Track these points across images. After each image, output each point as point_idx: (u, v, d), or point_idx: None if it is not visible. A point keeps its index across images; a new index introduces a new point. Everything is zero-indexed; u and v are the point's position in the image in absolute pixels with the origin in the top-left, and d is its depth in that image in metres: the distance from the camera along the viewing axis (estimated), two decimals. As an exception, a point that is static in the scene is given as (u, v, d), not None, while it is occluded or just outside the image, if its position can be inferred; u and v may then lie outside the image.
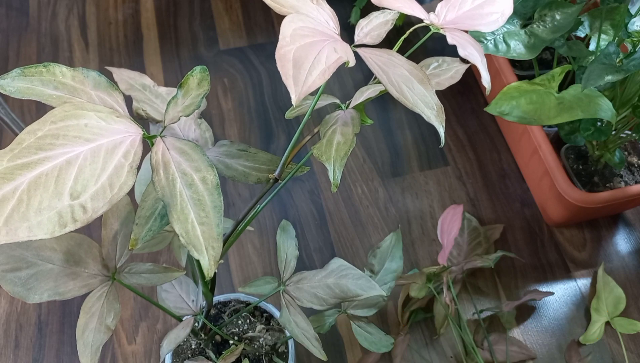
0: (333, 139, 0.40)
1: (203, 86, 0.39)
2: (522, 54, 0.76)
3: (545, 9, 0.78)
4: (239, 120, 1.09)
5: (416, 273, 0.83)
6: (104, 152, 0.31)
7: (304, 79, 0.30)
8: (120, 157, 0.31)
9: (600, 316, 0.89)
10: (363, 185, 1.03)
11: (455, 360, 0.86)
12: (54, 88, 0.35)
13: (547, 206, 0.98)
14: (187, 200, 0.31)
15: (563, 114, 0.69)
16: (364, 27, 0.39)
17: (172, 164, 0.32)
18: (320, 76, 0.30)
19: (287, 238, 0.61)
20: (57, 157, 0.30)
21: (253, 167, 0.49)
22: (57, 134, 0.31)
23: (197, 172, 0.32)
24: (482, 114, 1.12)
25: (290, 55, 0.30)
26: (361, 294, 0.53)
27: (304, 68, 0.30)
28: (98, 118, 0.32)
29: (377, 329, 0.76)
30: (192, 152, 0.33)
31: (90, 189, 0.30)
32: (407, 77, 0.34)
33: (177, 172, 0.32)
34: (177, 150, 0.33)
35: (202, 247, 0.30)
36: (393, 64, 0.34)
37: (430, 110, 0.34)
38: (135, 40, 1.21)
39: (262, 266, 0.94)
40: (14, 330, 0.87)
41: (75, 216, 0.29)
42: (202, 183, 0.32)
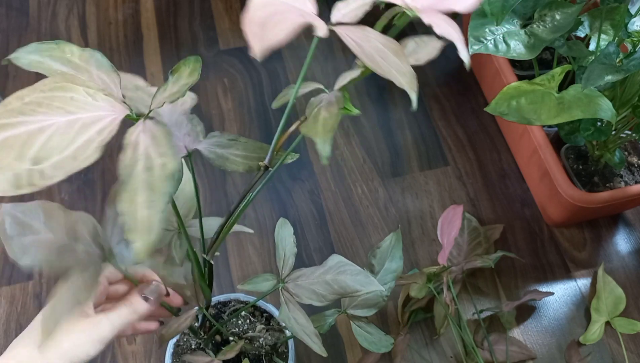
0: (319, 115, 0.40)
1: (193, 76, 0.40)
2: (522, 54, 0.76)
3: (545, 9, 0.78)
4: (239, 120, 1.09)
5: (416, 273, 0.83)
6: (79, 125, 0.32)
7: (267, 33, 0.30)
8: (94, 132, 0.32)
9: (600, 316, 0.89)
10: (363, 185, 1.03)
11: (455, 360, 0.86)
12: (61, 64, 0.37)
13: (547, 206, 0.98)
14: (140, 182, 0.32)
15: (563, 114, 0.69)
16: (341, 9, 0.39)
17: (141, 145, 0.33)
18: (283, 31, 0.30)
19: (285, 236, 0.61)
20: (33, 123, 0.31)
21: (244, 156, 0.50)
22: (42, 102, 0.32)
23: (160, 158, 0.32)
24: (482, 114, 1.12)
25: (257, 17, 0.31)
26: (360, 289, 0.53)
27: (268, 27, 0.30)
28: (86, 93, 0.33)
29: (377, 329, 0.76)
30: (163, 137, 0.33)
31: (54, 158, 0.31)
32: (381, 49, 0.35)
33: (142, 154, 0.32)
34: (150, 134, 0.33)
35: (140, 229, 0.30)
36: (367, 39, 0.35)
37: (403, 76, 0.34)
38: (135, 40, 1.21)
39: (262, 266, 0.94)
40: (14, 330, 0.87)
41: (32, 180, 0.30)
42: (161, 169, 0.32)
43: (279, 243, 0.61)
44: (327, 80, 1.14)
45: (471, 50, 0.76)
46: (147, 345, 0.86)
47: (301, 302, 0.55)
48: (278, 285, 0.57)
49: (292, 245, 0.61)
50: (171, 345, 0.69)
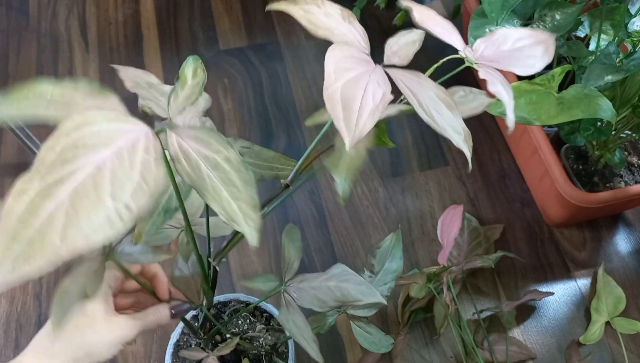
0: (345, 152, 0.39)
1: (198, 75, 0.39)
2: (522, 54, 0.76)
3: (545, 9, 0.78)
4: (239, 120, 1.09)
5: (416, 273, 0.83)
6: (126, 152, 0.31)
7: (355, 122, 0.30)
8: (142, 153, 0.31)
9: (600, 316, 0.89)
10: (363, 185, 1.03)
11: (455, 360, 0.86)
12: (45, 108, 0.34)
13: (547, 206, 0.98)
14: (216, 181, 0.32)
15: (563, 114, 0.69)
16: (392, 46, 0.38)
17: (191, 151, 0.32)
18: (370, 117, 0.30)
19: (293, 240, 0.62)
20: (85, 166, 0.30)
21: (256, 164, 0.49)
22: (76, 144, 0.31)
23: (219, 154, 0.32)
24: (482, 114, 1.11)
25: (337, 95, 0.30)
26: (361, 299, 0.53)
27: (353, 110, 0.30)
28: (107, 122, 0.32)
29: (377, 329, 0.76)
30: (208, 136, 0.33)
31: (128, 188, 0.30)
32: (436, 101, 0.35)
33: (199, 158, 0.32)
34: (192, 138, 0.33)
35: (241, 220, 0.31)
36: (422, 87, 0.34)
37: (458, 135, 0.34)
38: (135, 40, 1.21)
39: (262, 266, 0.94)
40: (14, 330, 0.87)
41: (122, 216, 0.29)
42: (227, 163, 0.32)
43: (286, 246, 0.61)
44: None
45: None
46: (147, 345, 0.86)
47: (302, 305, 0.55)
48: (280, 288, 0.57)
49: (298, 250, 0.61)
50: (171, 345, 0.69)
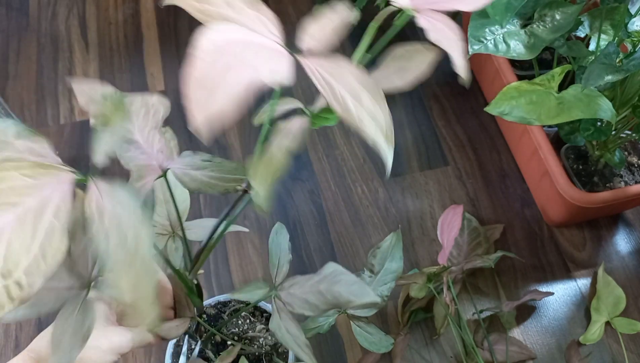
0: (268, 150, 0.35)
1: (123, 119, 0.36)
2: (522, 54, 0.76)
3: (545, 9, 0.78)
4: (239, 122, 1.09)
5: (416, 273, 0.83)
6: (32, 216, 0.28)
7: (205, 102, 0.25)
8: (50, 217, 0.29)
9: (600, 316, 0.88)
10: (363, 185, 1.03)
11: (455, 360, 0.86)
12: None
13: (547, 206, 0.98)
14: (121, 264, 0.29)
15: (563, 114, 0.69)
16: (313, 32, 0.34)
17: (106, 215, 0.29)
18: (226, 99, 0.25)
19: (280, 242, 0.60)
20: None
21: (219, 178, 0.47)
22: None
23: (132, 229, 0.29)
24: (482, 114, 1.12)
25: (196, 73, 0.26)
26: (353, 300, 0.51)
27: (206, 89, 0.26)
28: (22, 176, 0.29)
29: (377, 329, 0.76)
30: (128, 198, 0.30)
31: (23, 264, 0.27)
32: (356, 87, 0.30)
33: (112, 226, 0.29)
34: (108, 197, 0.30)
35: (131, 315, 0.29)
36: (341, 75, 0.30)
37: (379, 127, 0.29)
38: (135, 40, 1.21)
39: (262, 266, 0.94)
40: (14, 330, 0.87)
41: (11, 294, 0.27)
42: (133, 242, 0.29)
43: (273, 249, 0.59)
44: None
45: (471, 50, 0.77)
46: (147, 345, 0.86)
47: (293, 311, 0.53)
48: (270, 294, 0.56)
49: (287, 252, 0.59)
50: (171, 345, 0.69)
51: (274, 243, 0.60)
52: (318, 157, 1.06)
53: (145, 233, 0.29)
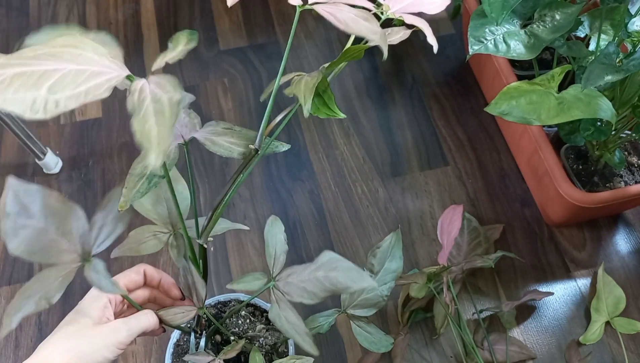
0: (302, 80, 0.45)
1: (190, 43, 0.45)
2: (522, 54, 0.76)
3: (545, 9, 0.78)
4: (239, 120, 1.09)
5: (416, 273, 0.83)
6: (88, 73, 0.35)
7: None
8: (103, 80, 0.35)
9: (600, 316, 0.89)
10: (363, 185, 1.03)
11: (455, 360, 0.86)
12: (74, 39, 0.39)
13: (547, 206, 0.98)
14: (150, 110, 0.34)
15: (563, 114, 0.69)
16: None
17: (147, 89, 0.36)
18: None
19: (275, 233, 0.60)
20: (47, 65, 0.34)
21: (237, 143, 0.54)
22: (54, 54, 0.35)
23: (166, 93, 0.35)
24: (482, 114, 1.12)
25: None
26: (351, 286, 0.51)
27: None
28: (94, 52, 0.37)
29: (377, 329, 0.76)
30: (168, 83, 0.36)
31: (67, 91, 0.34)
32: (353, 17, 0.41)
33: (149, 95, 0.35)
34: (155, 83, 0.36)
35: (154, 141, 0.33)
36: (340, 10, 0.41)
37: (374, 34, 0.40)
38: (136, 40, 1.21)
39: (262, 266, 0.94)
40: (14, 330, 0.87)
41: (47, 107, 0.33)
42: (168, 101, 0.35)
43: (269, 240, 0.60)
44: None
45: (471, 50, 0.77)
46: (147, 345, 0.86)
47: (292, 300, 0.54)
48: (269, 284, 0.56)
49: (282, 242, 0.60)
50: (171, 345, 0.69)
51: (269, 234, 0.60)
52: (318, 157, 1.06)
53: (177, 97, 0.35)
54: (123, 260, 0.93)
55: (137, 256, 0.92)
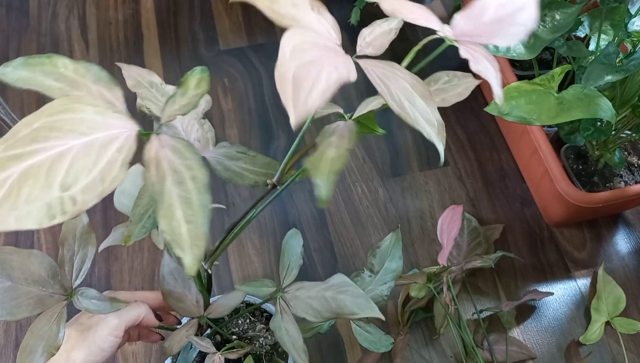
0: (326, 152, 0.37)
1: (202, 86, 0.38)
2: (522, 54, 0.76)
3: (545, 9, 0.78)
4: (239, 121, 1.09)
5: (416, 273, 0.83)
6: (97, 146, 0.31)
7: (303, 100, 0.29)
8: (114, 151, 0.31)
9: (600, 316, 0.89)
10: (363, 185, 1.03)
11: (455, 360, 0.86)
12: (54, 79, 0.35)
13: (547, 206, 0.98)
14: (175, 198, 0.31)
15: (563, 114, 0.69)
16: (366, 37, 0.37)
17: (164, 161, 0.32)
18: (320, 96, 0.29)
19: (293, 245, 0.60)
20: (50, 148, 0.30)
21: (250, 170, 0.49)
22: (52, 126, 0.31)
23: (189, 170, 0.31)
24: (482, 114, 1.12)
25: (289, 74, 0.29)
26: (357, 313, 0.51)
27: (303, 89, 0.29)
28: (94, 112, 0.32)
29: (377, 329, 0.76)
30: (185, 150, 0.32)
31: (82, 182, 0.29)
32: (409, 91, 0.33)
33: (168, 169, 0.31)
34: (170, 148, 0.32)
35: (186, 245, 0.30)
36: (395, 77, 0.33)
37: (431, 126, 0.33)
38: (136, 40, 1.21)
39: (262, 266, 0.94)
40: (14, 330, 0.87)
41: (64, 208, 0.29)
42: (192, 182, 0.31)
43: (286, 251, 0.60)
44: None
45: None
46: (147, 345, 0.86)
47: (296, 314, 0.54)
48: (277, 294, 0.57)
49: (298, 256, 0.60)
50: (171, 345, 0.69)
51: (287, 246, 0.60)
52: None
53: (202, 176, 0.31)
54: (123, 261, 0.93)
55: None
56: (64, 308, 0.45)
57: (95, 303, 0.46)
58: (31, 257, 0.44)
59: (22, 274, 0.43)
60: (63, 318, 0.44)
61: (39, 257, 0.45)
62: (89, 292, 0.46)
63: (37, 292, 0.44)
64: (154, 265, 0.93)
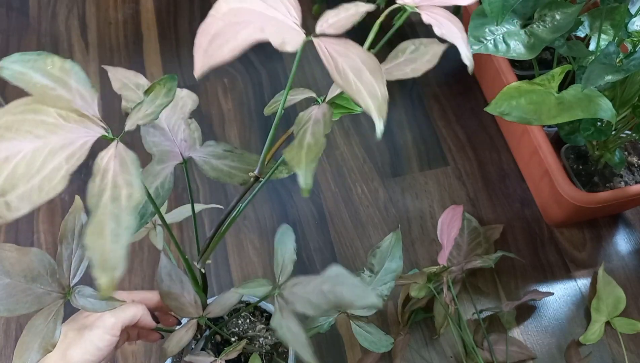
0: (304, 140, 0.37)
1: (169, 96, 0.38)
2: (522, 54, 0.76)
3: (545, 9, 0.78)
4: (239, 121, 1.09)
5: (416, 273, 0.83)
6: (47, 152, 0.30)
7: (212, 52, 0.28)
8: (62, 159, 0.30)
9: (600, 316, 0.89)
10: (363, 185, 1.03)
11: (455, 360, 0.86)
12: (42, 75, 0.35)
13: (547, 206, 0.98)
14: (107, 215, 0.30)
15: (563, 114, 0.69)
16: (329, 19, 0.36)
17: (110, 172, 0.31)
18: (229, 51, 0.29)
19: (286, 242, 0.60)
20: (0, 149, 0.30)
21: (238, 168, 0.49)
22: (11, 126, 0.30)
23: (127, 187, 0.31)
24: (482, 114, 1.12)
25: (212, 29, 0.29)
26: (356, 302, 0.51)
27: (217, 43, 0.29)
28: (57, 115, 0.32)
29: (377, 329, 0.76)
30: (130, 164, 0.32)
31: (19, 189, 0.29)
32: (359, 65, 0.32)
33: (110, 183, 0.31)
34: (119, 159, 0.32)
35: (104, 266, 0.28)
36: (347, 53, 0.33)
37: (374, 99, 0.31)
38: (135, 40, 1.21)
39: (262, 266, 0.94)
40: (14, 330, 0.87)
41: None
42: (127, 200, 0.30)
43: (279, 249, 0.60)
44: (327, 83, 1.14)
45: (471, 50, 0.76)
46: (147, 345, 0.86)
47: (295, 310, 0.54)
48: (273, 292, 0.56)
49: (292, 252, 0.59)
50: (171, 345, 0.69)
51: (280, 243, 0.60)
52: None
53: (137, 195, 0.30)
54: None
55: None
56: (61, 306, 0.45)
57: (91, 302, 0.46)
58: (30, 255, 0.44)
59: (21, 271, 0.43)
60: (60, 316, 0.44)
61: (37, 255, 0.45)
62: (85, 290, 0.46)
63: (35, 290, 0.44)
64: (153, 265, 0.93)
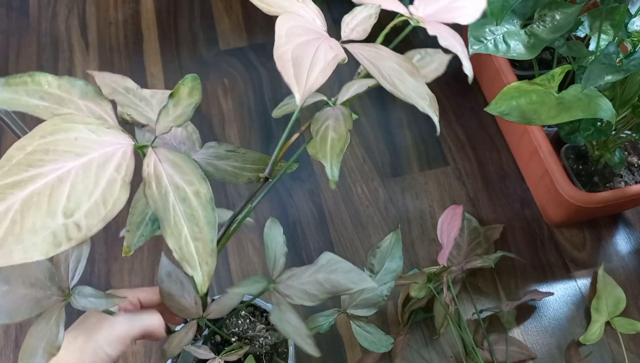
0: (327, 136, 0.39)
1: (194, 95, 0.38)
2: (522, 54, 0.76)
3: (545, 9, 0.78)
4: (239, 121, 1.09)
5: (416, 273, 0.83)
6: (95, 166, 0.30)
7: (305, 78, 0.29)
8: (112, 171, 0.30)
9: (600, 316, 0.89)
10: (363, 185, 1.03)
11: (455, 360, 0.86)
12: (39, 98, 0.34)
13: (547, 206, 0.98)
14: (180, 215, 0.30)
15: (563, 114, 0.69)
16: (349, 23, 0.38)
17: (165, 176, 0.31)
18: (321, 74, 0.30)
19: (274, 235, 0.60)
20: (48, 173, 0.29)
21: (243, 167, 0.49)
22: (47, 149, 0.30)
23: (190, 186, 0.31)
24: (482, 114, 1.12)
25: (288, 55, 0.30)
26: (352, 287, 0.51)
27: (303, 67, 0.30)
28: (88, 130, 0.31)
29: (377, 329, 0.76)
30: (185, 164, 0.32)
31: (84, 207, 0.29)
32: (397, 69, 0.34)
33: (170, 186, 0.31)
34: (169, 162, 0.32)
35: (195, 263, 0.29)
36: (382, 58, 0.34)
37: (424, 100, 0.33)
38: (136, 40, 1.21)
39: (262, 266, 0.94)
40: (14, 330, 0.87)
41: (69, 234, 0.28)
42: (196, 197, 0.31)
43: (268, 243, 0.59)
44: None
45: (471, 50, 0.77)
46: (147, 345, 0.86)
47: (292, 302, 0.53)
48: (269, 287, 0.56)
49: (282, 244, 0.59)
50: (171, 345, 0.69)
51: (268, 237, 0.59)
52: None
53: (204, 191, 0.31)
54: (123, 261, 0.93)
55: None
56: (62, 309, 0.45)
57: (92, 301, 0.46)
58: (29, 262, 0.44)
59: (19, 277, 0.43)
60: (62, 318, 0.44)
61: None
62: (85, 290, 0.46)
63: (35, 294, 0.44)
64: (154, 266, 0.93)
